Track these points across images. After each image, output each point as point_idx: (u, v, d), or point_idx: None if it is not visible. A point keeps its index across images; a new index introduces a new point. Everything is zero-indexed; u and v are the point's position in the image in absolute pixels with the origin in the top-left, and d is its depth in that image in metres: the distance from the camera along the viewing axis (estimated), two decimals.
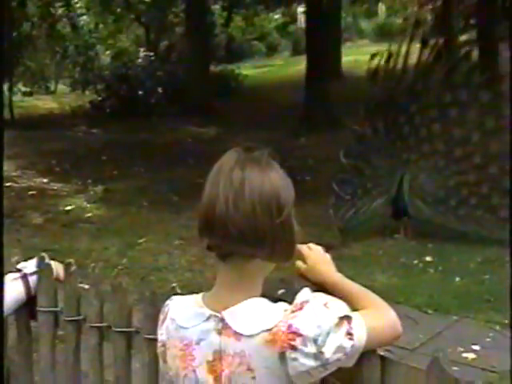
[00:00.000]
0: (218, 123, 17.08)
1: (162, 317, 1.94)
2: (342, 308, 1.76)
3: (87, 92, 20.86)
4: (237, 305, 1.75)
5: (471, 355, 5.30)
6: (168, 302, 1.95)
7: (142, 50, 20.89)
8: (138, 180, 12.35)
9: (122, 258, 7.99)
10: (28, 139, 15.66)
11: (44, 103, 21.84)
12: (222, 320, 1.75)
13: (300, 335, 1.66)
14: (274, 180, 1.75)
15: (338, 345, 1.68)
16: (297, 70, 24.22)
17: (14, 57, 18.61)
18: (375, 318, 1.80)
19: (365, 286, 1.90)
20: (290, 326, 1.67)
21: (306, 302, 1.73)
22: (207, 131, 16.69)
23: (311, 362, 1.67)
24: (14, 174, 12.67)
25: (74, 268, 2.74)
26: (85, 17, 21.49)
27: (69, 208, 10.61)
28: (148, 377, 2.48)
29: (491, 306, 6.20)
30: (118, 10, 21.86)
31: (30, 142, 15.52)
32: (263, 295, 1.80)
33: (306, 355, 1.66)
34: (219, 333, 1.75)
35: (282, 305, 1.74)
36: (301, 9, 29.68)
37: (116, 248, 8.37)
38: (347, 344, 1.69)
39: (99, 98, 19.76)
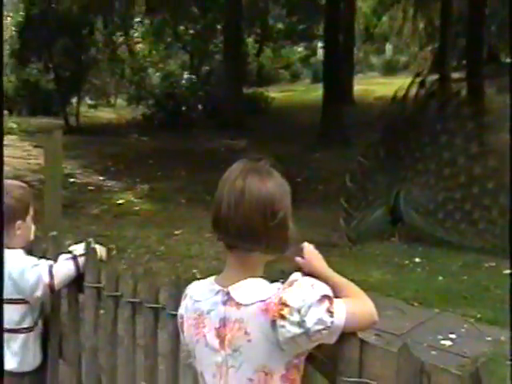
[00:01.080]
0: (247, 137, 17.03)
1: (183, 296, 2.01)
2: (326, 290, 1.78)
3: (140, 106, 20.91)
4: (239, 282, 1.81)
5: (448, 342, 5.27)
6: (189, 286, 2.02)
7: (186, 73, 20.98)
8: (178, 181, 12.38)
9: (161, 246, 8.00)
10: (90, 143, 15.79)
11: (105, 114, 21.93)
12: (228, 293, 1.81)
13: (287, 306, 1.71)
14: (271, 188, 1.80)
15: (318, 317, 1.71)
16: (315, 96, 24.13)
17: (82, 76, 18.76)
18: (355, 305, 1.82)
19: (362, 280, 1.93)
20: (280, 299, 1.72)
21: (296, 280, 1.78)
22: (238, 143, 16.65)
23: (296, 329, 1.70)
24: (77, 171, 12.80)
25: (114, 252, 2.78)
26: (140, 44, 21.60)
27: (120, 202, 10.68)
28: (171, 344, 2.51)
29: (467, 302, 6.15)
30: (168, 39, 21.91)
31: (92, 145, 15.64)
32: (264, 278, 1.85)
33: (292, 323, 1.70)
34: (224, 304, 1.81)
35: (276, 284, 1.80)
36: (320, 44, 29.69)
37: (156, 237, 8.38)
38: (327, 319, 1.72)
39: (149, 112, 19.82)
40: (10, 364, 2.82)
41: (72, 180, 11.76)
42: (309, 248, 2.01)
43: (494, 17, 16.59)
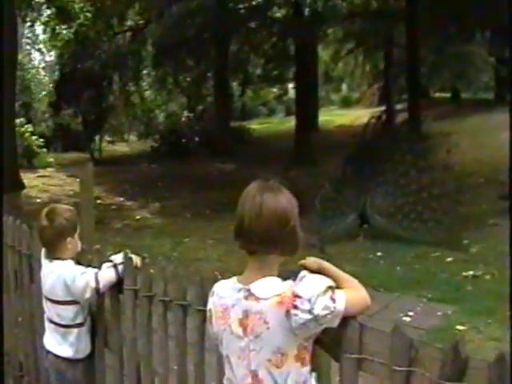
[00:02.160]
0: (235, 161, 17.01)
1: (210, 294, 1.96)
2: (329, 282, 1.76)
3: (148, 140, 20.87)
4: (258, 281, 1.78)
5: (408, 318, 5.29)
6: (215, 285, 1.97)
7: (185, 112, 21.00)
8: (183, 199, 12.29)
9: (173, 252, 7.93)
10: (110, 172, 15.67)
11: (120, 148, 21.85)
12: (249, 290, 1.78)
13: (300, 297, 1.69)
14: (283, 202, 1.79)
15: (324, 304, 1.69)
16: (288, 126, 24.19)
17: (103, 119, 18.87)
18: (352, 293, 1.80)
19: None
20: (293, 292, 1.71)
21: (305, 276, 1.76)
22: (228, 166, 16.64)
23: (306, 316, 1.68)
24: (103, 194, 12.71)
25: (147, 260, 2.73)
26: (148, 91, 21.58)
27: (138, 217, 10.60)
28: (197, 335, 2.46)
29: (420, 286, 6.17)
30: (170, 86, 21.86)
31: (112, 174, 15.52)
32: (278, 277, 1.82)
33: (303, 311, 1.68)
34: (246, 299, 1.78)
35: (289, 281, 1.78)
36: (290, 85, 29.79)
37: (169, 245, 8.30)
38: (331, 305, 1.70)
39: (156, 145, 19.80)
40: (68, 352, 2.79)
41: (99, 201, 11.66)
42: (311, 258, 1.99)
43: (424, 61, 16.79)
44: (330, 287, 1.74)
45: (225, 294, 1.86)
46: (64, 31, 16.99)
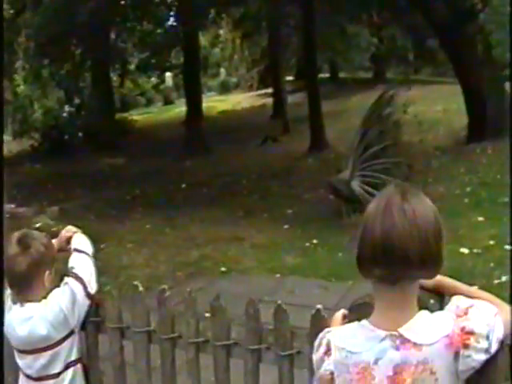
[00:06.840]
0: (123, 155, 16.16)
1: (323, 348, 1.47)
2: (494, 308, 1.39)
3: (23, 139, 19.29)
4: (409, 321, 1.35)
5: None
6: (325, 334, 1.49)
7: (66, 106, 19.66)
8: (80, 200, 11.27)
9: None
10: None
11: None
12: (400, 336, 1.35)
13: (473, 334, 1.32)
14: (432, 207, 1.38)
15: (497, 337, 1.35)
16: (168, 115, 23.79)
17: None
18: (503, 314, 1.42)
19: (281, 266, 1.53)
20: (463, 329, 1.32)
21: (470, 306, 1.37)
22: (117, 161, 15.74)
23: (482, 356, 1.33)
24: None
25: (167, 294, 2.20)
26: (22, 86, 19.88)
27: (38, 225, 9.50)
28: (252, 380, 2.00)
29: None
30: (44, 80, 20.27)
31: None
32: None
33: (479, 350, 1.32)
34: (397, 348, 1.34)
35: (445, 313, 1.38)
36: (168, 74, 28.99)
37: None
38: (500, 335, 1.36)
39: (36, 143, 18.35)
40: None
41: None
42: None
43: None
44: (497, 314, 1.38)
45: (358, 347, 1.40)
46: None
